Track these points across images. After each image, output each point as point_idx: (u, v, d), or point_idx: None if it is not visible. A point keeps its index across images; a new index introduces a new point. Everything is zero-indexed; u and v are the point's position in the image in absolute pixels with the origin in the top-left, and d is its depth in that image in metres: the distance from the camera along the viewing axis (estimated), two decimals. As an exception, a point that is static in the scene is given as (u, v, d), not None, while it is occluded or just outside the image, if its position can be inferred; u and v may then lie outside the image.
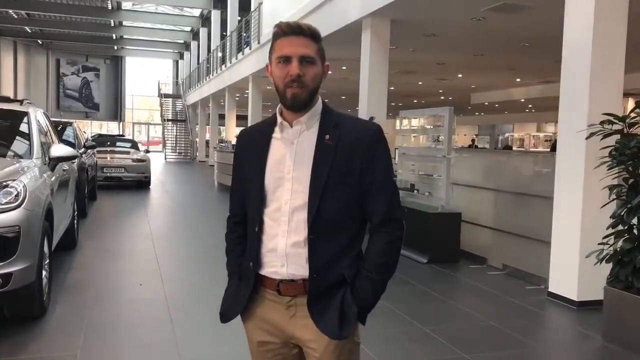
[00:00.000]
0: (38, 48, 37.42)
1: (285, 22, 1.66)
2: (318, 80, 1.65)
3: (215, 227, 8.77)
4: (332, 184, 1.61)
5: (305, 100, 1.63)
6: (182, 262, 6.54)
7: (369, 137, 1.65)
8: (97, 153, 12.85)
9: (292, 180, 1.64)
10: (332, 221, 1.63)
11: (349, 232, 1.66)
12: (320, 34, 1.68)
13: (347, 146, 1.62)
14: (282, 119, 1.69)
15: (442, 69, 15.33)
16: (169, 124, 33.92)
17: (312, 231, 1.62)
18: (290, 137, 1.67)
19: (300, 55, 1.60)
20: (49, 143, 5.38)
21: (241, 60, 19.12)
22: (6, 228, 3.52)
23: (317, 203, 1.61)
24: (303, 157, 1.64)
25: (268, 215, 1.69)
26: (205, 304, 4.71)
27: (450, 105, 7.35)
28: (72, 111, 38.96)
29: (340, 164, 1.61)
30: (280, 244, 1.65)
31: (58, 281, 5.03)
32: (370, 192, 1.65)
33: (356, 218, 1.67)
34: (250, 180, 1.74)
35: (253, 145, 1.76)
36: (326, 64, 1.70)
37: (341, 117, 1.70)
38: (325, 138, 1.64)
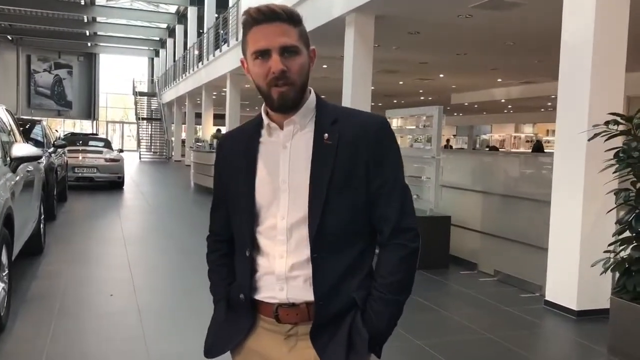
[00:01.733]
0: (7, 44, 36.31)
1: (254, 7, 1.34)
2: (306, 72, 1.38)
3: (191, 232, 8.40)
4: (335, 191, 1.36)
5: (294, 99, 1.37)
6: (156, 270, 6.15)
7: (374, 132, 1.40)
8: (69, 152, 12.33)
9: (289, 190, 1.38)
10: (338, 235, 1.38)
11: (357, 247, 1.41)
12: (299, 14, 1.38)
13: (350, 144, 1.37)
14: (270, 120, 1.43)
15: (424, 69, 15.16)
16: (143, 122, 33.26)
17: (315, 249, 1.36)
18: (281, 141, 1.41)
19: (279, 46, 1.32)
20: (12, 142, 4.97)
21: (218, 57, 18.71)
22: (-45, 237, 3.13)
23: (319, 215, 1.35)
24: (299, 162, 1.38)
25: (262, 234, 1.41)
26: (181, 317, 4.36)
27: (431, 104, 7.11)
28: (43, 109, 37.91)
29: (344, 166, 1.36)
30: (278, 267, 1.39)
31: (20, 292, 4.63)
32: (378, 197, 1.39)
33: (365, 229, 1.42)
34: (237, 195, 1.45)
35: (237, 154, 1.47)
36: (311, 49, 1.42)
37: (339, 110, 1.45)
38: (324, 137, 1.38)
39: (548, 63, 12.28)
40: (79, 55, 39.43)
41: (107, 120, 42.90)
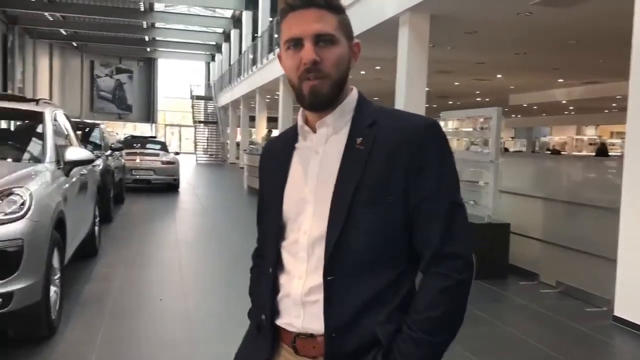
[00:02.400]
0: (73, 50, 37.86)
1: None
2: (344, 65, 1.21)
3: (243, 235, 8.38)
4: (361, 204, 1.16)
5: (328, 95, 1.20)
6: (207, 273, 6.15)
7: (418, 135, 1.18)
8: (126, 155, 12.63)
9: (314, 202, 1.22)
10: (363, 256, 1.17)
11: (389, 272, 1.19)
12: (339, 1, 1.22)
13: (386, 150, 1.18)
14: (303, 122, 1.28)
15: (481, 69, 14.71)
16: (200, 125, 33.89)
17: (330, 270, 1.17)
18: (314, 146, 1.26)
19: (313, 33, 1.17)
20: (67, 145, 5.04)
21: (272, 61, 18.79)
22: (7, 242, 3.16)
23: (337, 231, 1.16)
24: (329, 170, 1.22)
25: (286, 250, 1.26)
26: (229, 323, 4.28)
27: (487, 106, 6.82)
28: (105, 113, 39.34)
29: (375, 176, 1.17)
30: (295, 288, 1.22)
31: (73, 294, 4.67)
32: (419, 214, 1.17)
33: (401, 252, 1.20)
34: (268, 205, 1.32)
35: (274, 160, 1.35)
36: (355, 42, 1.26)
37: (381, 111, 1.26)
38: (356, 142, 1.20)
39: (614, 62, 11.67)
40: (138, 60, 40.67)
41: (166, 124, 44.04)
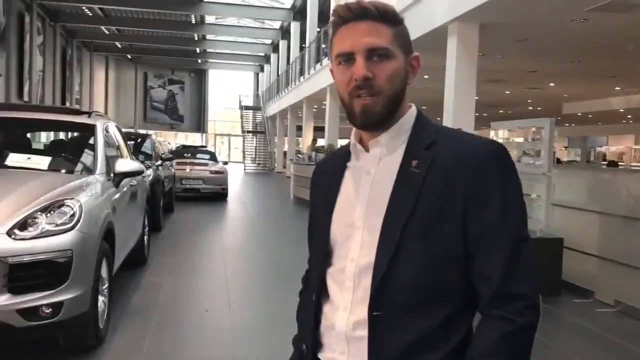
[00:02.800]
0: (127, 62, 39.13)
1: (343, 3, 1.12)
2: (400, 81, 1.13)
3: (289, 246, 8.39)
4: (413, 234, 1.06)
5: (381, 113, 1.12)
6: (252, 285, 6.16)
7: (480, 160, 1.08)
8: (177, 164, 12.88)
9: (363, 228, 1.12)
10: (411, 292, 1.07)
11: (439, 312, 1.08)
12: (396, 12, 1.14)
13: (444, 175, 1.08)
14: (356, 141, 1.20)
15: (533, 77, 14.32)
16: (248, 135, 34.37)
17: (376, 305, 1.08)
18: (366, 166, 1.17)
19: (365, 47, 1.09)
20: (118, 157, 5.16)
21: (319, 71, 18.88)
22: (57, 252, 3.23)
23: (386, 263, 1.07)
24: (380, 194, 1.12)
25: (332, 277, 1.17)
26: (271, 338, 4.26)
27: (540, 116, 6.59)
28: (158, 123, 40.42)
29: (430, 204, 1.07)
30: (339, 321, 1.12)
31: (121, 303, 4.75)
32: (477, 248, 1.06)
33: (454, 290, 1.09)
34: (317, 226, 1.24)
35: (325, 179, 1.26)
36: (414, 55, 1.17)
37: (440, 132, 1.16)
38: (411, 164, 1.11)
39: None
40: (190, 71, 41.65)
41: (215, 133, 44.87)
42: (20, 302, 3.10)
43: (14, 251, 3.10)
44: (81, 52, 32.46)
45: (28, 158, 4.37)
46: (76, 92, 31.27)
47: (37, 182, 3.82)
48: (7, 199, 3.41)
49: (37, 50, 24.63)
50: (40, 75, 25.27)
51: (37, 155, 4.80)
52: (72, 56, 30.44)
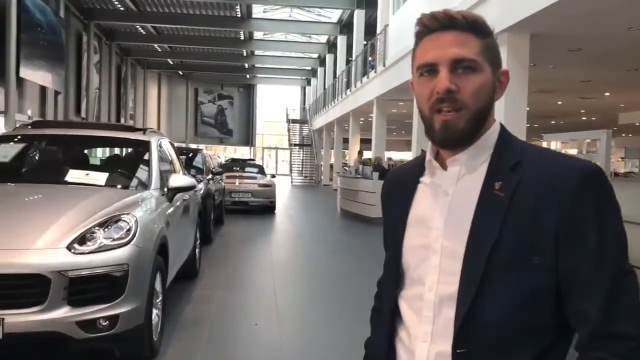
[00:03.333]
0: (179, 79, 40.24)
1: (429, 13, 1.05)
2: (486, 96, 1.05)
3: (336, 260, 8.38)
4: (499, 264, 0.98)
5: (463, 130, 1.04)
6: (300, 299, 6.18)
7: (574, 184, 0.97)
8: (226, 178, 13.11)
9: (442, 252, 1.05)
10: (498, 329, 0.99)
11: (529, 348, 0.99)
12: (485, 22, 1.07)
13: (532, 200, 0.99)
14: (432, 157, 1.12)
15: (587, 87, 13.90)
16: (295, 148, 34.65)
17: (461, 341, 1.00)
18: (443, 185, 1.09)
19: (450, 58, 1.02)
20: (172, 172, 5.29)
21: (366, 84, 18.89)
22: (114, 266, 3.33)
23: (470, 297, 0.99)
24: (459, 216, 1.04)
25: (406, 302, 1.10)
26: (320, 351, 4.26)
27: (594, 126, 6.39)
28: (208, 137, 41.31)
29: (517, 232, 0.98)
30: (420, 351, 1.05)
31: (174, 315, 4.84)
32: (572, 283, 0.97)
33: (546, 326, 1.00)
34: (388, 242, 1.17)
35: (397, 193, 1.18)
36: (503, 70, 1.09)
37: (528, 151, 1.06)
38: (494, 187, 1.02)
39: None
40: (238, 86, 42.46)
41: (263, 147, 45.47)
42: (79, 315, 3.20)
43: (73, 265, 3.21)
44: (135, 70, 33.60)
45: (86, 174, 4.53)
46: (130, 108, 32.32)
47: (95, 197, 3.96)
48: (67, 214, 3.54)
49: (93, 68, 25.63)
50: (96, 93, 26.28)
51: (94, 171, 4.96)
52: (126, 73, 31.54)
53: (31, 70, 17.93)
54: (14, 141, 5.00)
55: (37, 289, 3.11)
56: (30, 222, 3.43)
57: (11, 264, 3.11)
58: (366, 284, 7.22)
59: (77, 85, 23.71)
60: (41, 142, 5.03)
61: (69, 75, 22.43)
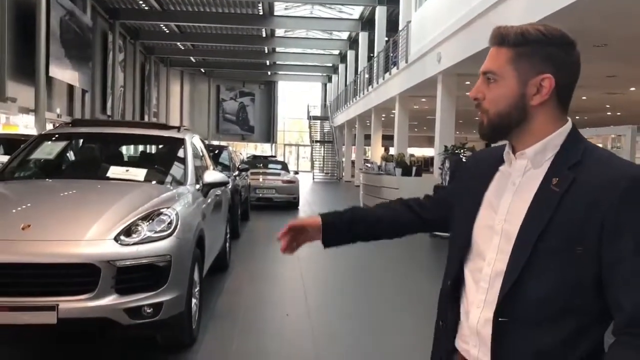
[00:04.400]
0: (201, 76, 40.68)
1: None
2: (505, 104, 1.19)
3: (360, 256, 8.51)
4: (546, 249, 1.12)
5: (486, 130, 1.25)
6: (328, 290, 6.35)
7: (623, 188, 1.09)
8: (251, 174, 13.32)
9: (502, 234, 1.20)
10: (539, 304, 1.13)
11: (566, 326, 1.13)
12: (520, 33, 1.21)
13: (582, 198, 1.11)
14: (509, 149, 1.27)
15: (612, 82, 13.80)
16: (317, 145, 34.82)
17: (502, 312, 1.15)
18: (513, 175, 1.24)
19: (481, 71, 1.24)
20: (204, 168, 5.49)
21: (388, 80, 18.95)
22: (158, 257, 3.51)
23: (517, 272, 1.14)
24: (521, 204, 1.19)
25: (469, 272, 1.27)
26: (349, 339, 4.42)
27: (619, 121, 6.43)
28: (230, 134, 41.69)
29: (566, 223, 1.11)
30: (473, 315, 1.23)
31: (209, 306, 5.04)
32: (612, 274, 1.09)
33: (585, 307, 1.13)
34: (459, 216, 1.34)
35: (476, 173, 1.35)
36: (543, 77, 1.18)
37: (590, 152, 1.18)
38: (552, 182, 1.16)
39: None
40: (260, 83, 42.77)
41: (285, 143, 45.74)
42: (126, 302, 3.39)
43: (120, 255, 3.40)
44: (158, 67, 34.08)
45: (126, 170, 4.74)
46: (154, 105, 32.82)
47: (136, 192, 4.15)
48: (112, 208, 3.74)
49: (119, 67, 26.09)
50: (121, 90, 26.74)
51: (131, 167, 5.17)
52: (150, 71, 32.01)
53: (60, 69, 18.37)
54: (57, 139, 5.23)
55: (88, 277, 3.30)
56: (80, 215, 3.64)
57: (65, 254, 3.31)
58: (391, 276, 7.40)
59: (102, 84, 24.17)
60: (83, 140, 5.25)
61: (95, 74, 22.88)
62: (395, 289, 6.26)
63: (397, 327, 4.81)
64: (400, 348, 4.24)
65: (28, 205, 3.85)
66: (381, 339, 4.47)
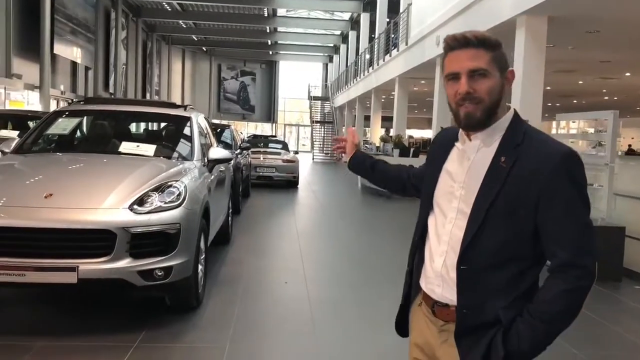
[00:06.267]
0: (203, 55, 40.73)
1: (451, 34, 1.51)
2: (496, 93, 1.46)
3: (357, 231, 8.88)
4: (497, 212, 1.42)
5: (480, 119, 1.47)
6: (324, 263, 6.70)
7: (552, 165, 1.39)
8: (252, 153, 13.61)
9: (460, 199, 1.51)
10: (491, 254, 1.44)
11: (512, 269, 1.45)
12: (495, 40, 1.48)
13: (524, 172, 1.41)
14: (463, 131, 1.56)
15: (607, 67, 14.04)
16: (317, 125, 35.00)
17: (463, 261, 1.46)
18: (468, 152, 1.53)
19: (467, 69, 1.45)
20: (208, 145, 5.80)
21: (388, 62, 19.15)
22: (168, 225, 3.85)
23: (474, 230, 1.45)
24: (475, 176, 1.49)
25: (432, 228, 1.59)
26: (345, 307, 4.78)
27: (616, 106, 6.72)
28: (230, 113, 41.86)
29: (511, 192, 1.41)
30: (437, 262, 1.55)
31: (212, 274, 5.39)
32: (546, 232, 1.41)
33: (526, 254, 1.45)
34: (426, 182, 1.66)
35: (440, 148, 1.66)
36: (509, 70, 1.50)
37: (528, 134, 1.48)
38: (500, 160, 1.45)
39: None
40: (261, 63, 42.81)
41: (285, 123, 45.90)
42: (140, 265, 3.73)
43: (134, 223, 3.73)
44: (160, 45, 34.14)
45: (137, 146, 5.06)
46: (155, 83, 32.95)
47: (147, 166, 4.48)
48: (126, 180, 4.06)
49: (121, 45, 26.19)
50: (123, 68, 26.87)
51: (141, 143, 5.48)
52: (151, 49, 32.09)
53: (64, 46, 18.55)
54: (70, 115, 5.54)
55: (105, 242, 3.64)
56: (97, 186, 3.97)
57: (84, 220, 3.64)
58: (384, 249, 7.77)
59: (105, 61, 24.33)
60: (95, 117, 5.56)
61: (98, 52, 23.03)
62: (388, 261, 6.61)
63: (387, 296, 5.15)
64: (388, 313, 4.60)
65: (49, 176, 4.17)
66: (372, 305, 4.84)
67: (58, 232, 3.60)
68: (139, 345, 3.63)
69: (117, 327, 3.96)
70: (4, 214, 3.62)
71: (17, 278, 3.50)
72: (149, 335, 3.79)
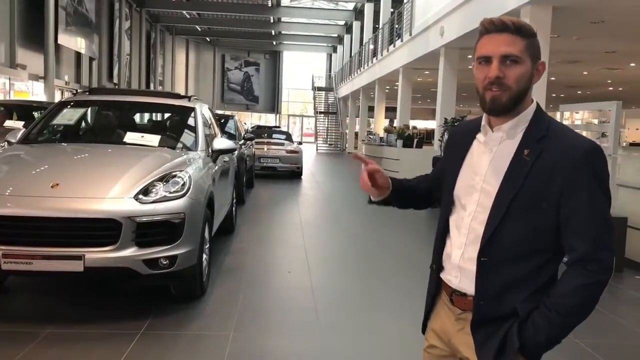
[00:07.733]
0: (206, 45, 40.66)
1: (489, 18, 1.49)
2: (525, 82, 1.45)
3: (361, 223, 8.91)
4: (519, 206, 1.43)
5: (505, 104, 1.45)
6: (327, 253, 6.75)
7: (574, 159, 1.40)
8: (255, 144, 13.64)
9: (481, 191, 1.51)
10: (512, 247, 1.45)
11: (532, 262, 1.46)
12: (531, 28, 1.47)
13: (547, 166, 1.41)
14: (486, 122, 1.54)
15: (612, 58, 13.99)
16: (320, 116, 34.98)
17: (484, 253, 1.48)
18: (490, 144, 1.52)
19: (500, 54, 1.43)
20: (212, 136, 5.83)
21: (392, 52, 19.10)
22: (173, 214, 3.89)
23: (495, 223, 1.46)
24: (498, 169, 1.48)
25: (453, 221, 1.60)
26: (348, 296, 4.83)
27: (620, 97, 6.71)
28: (234, 103, 41.84)
29: (534, 186, 1.42)
30: (455, 254, 1.57)
31: (217, 264, 5.45)
32: (567, 225, 1.42)
33: (546, 248, 1.46)
34: (446, 178, 1.66)
35: (458, 141, 1.64)
36: (540, 62, 1.49)
37: (552, 128, 1.47)
38: (524, 153, 1.45)
39: None
40: (265, 53, 42.71)
41: (289, 114, 45.86)
42: (145, 254, 3.78)
43: (140, 212, 3.78)
44: (164, 36, 34.10)
45: (142, 136, 5.10)
46: (159, 74, 32.94)
47: (152, 157, 4.52)
48: (131, 170, 4.11)
49: (125, 35, 26.19)
50: (127, 59, 26.88)
51: (145, 134, 5.52)
52: (155, 40, 32.07)
53: (68, 37, 18.56)
54: (76, 106, 5.58)
55: (111, 231, 3.69)
56: (103, 176, 4.01)
57: (90, 210, 3.69)
58: (389, 240, 7.81)
59: (109, 52, 24.32)
60: (100, 107, 5.60)
61: (102, 42, 23.03)
62: (392, 253, 6.66)
63: (391, 286, 5.21)
64: (391, 301, 4.66)
65: (55, 166, 4.22)
66: (375, 295, 4.89)
67: (64, 221, 3.65)
68: (145, 332, 3.69)
69: (123, 315, 4.01)
70: (12, 204, 3.67)
71: (25, 266, 3.56)
72: (154, 323, 3.85)
